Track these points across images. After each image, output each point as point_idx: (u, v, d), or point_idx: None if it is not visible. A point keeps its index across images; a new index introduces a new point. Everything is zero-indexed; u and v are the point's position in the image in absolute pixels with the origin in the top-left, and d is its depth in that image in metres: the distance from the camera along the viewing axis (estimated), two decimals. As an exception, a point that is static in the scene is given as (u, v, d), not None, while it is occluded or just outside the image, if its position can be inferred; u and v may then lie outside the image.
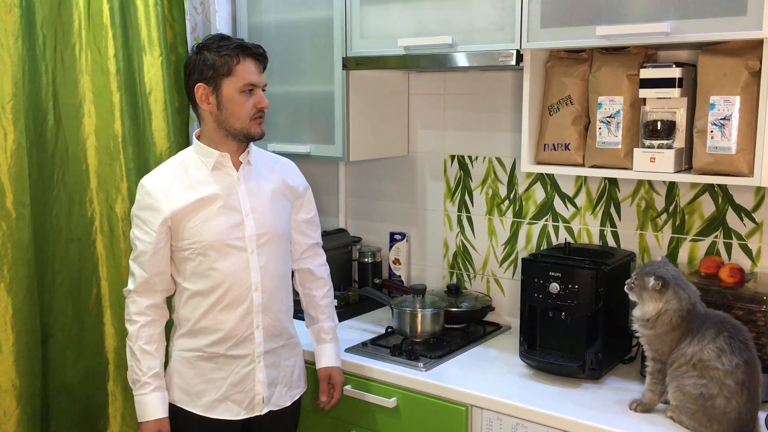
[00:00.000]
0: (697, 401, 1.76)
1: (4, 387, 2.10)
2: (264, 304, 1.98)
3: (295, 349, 2.14)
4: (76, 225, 2.31)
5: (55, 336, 2.28)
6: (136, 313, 1.93)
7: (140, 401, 1.93)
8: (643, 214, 2.31)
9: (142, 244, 1.91)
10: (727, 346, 1.75)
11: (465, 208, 2.68)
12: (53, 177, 2.26)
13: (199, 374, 1.96)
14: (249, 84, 1.90)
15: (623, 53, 2.08)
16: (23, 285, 2.13)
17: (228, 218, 1.92)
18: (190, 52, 1.96)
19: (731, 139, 1.86)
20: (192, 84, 1.91)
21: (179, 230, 1.90)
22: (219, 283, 1.92)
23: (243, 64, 1.89)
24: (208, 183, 1.93)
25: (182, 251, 1.92)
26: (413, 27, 2.29)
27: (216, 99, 1.90)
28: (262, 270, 1.97)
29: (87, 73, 2.31)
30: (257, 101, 1.93)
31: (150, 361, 1.92)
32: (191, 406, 1.97)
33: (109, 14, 2.32)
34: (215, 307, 1.93)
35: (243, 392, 1.99)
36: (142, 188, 1.93)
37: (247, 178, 1.98)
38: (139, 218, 1.92)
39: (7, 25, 2.07)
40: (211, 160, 1.94)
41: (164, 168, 1.98)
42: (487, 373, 2.16)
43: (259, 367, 2.00)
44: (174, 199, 1.89)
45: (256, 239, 1.96)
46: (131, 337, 1.93)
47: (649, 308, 1.84)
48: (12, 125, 2.08)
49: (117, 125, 2.35)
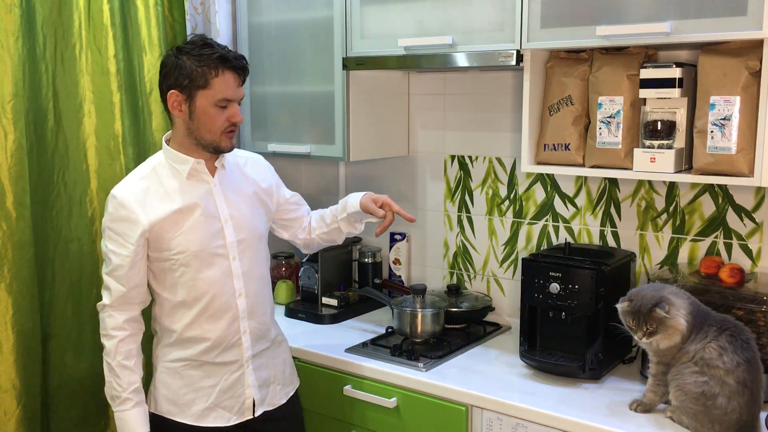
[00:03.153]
0: (698, 401, 1.75)
1: (4, 387, 2.10)
2: (249, 309, 1.96)
3: (281, 345, 2.13)
4: (76, 225, 2.31)
5: (55, 336, 2.28)
6: (113, 328, 1.87)
7: (121, 417, 1.88)
8: (643, 214, 2.31)
9: (118, 258, 1.84)
10: (729, 344, 1.75)
11: (465, 208, 2.68)
12: (53, 177, 2.26)
13: (187, 384, 1.93)
14: (225, 99, 1.83)
15: (623, 53, 2.08)
16: (23, 285, 2.13)
17: (208, 227, 1.89)
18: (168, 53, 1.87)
19: (731, 140, 1.86)
20: (165, 88, 1.84)
21: (159, 242, 1.86)
22: (203, 293, 1.89)
23: (221, 77, 1.81)
24: (184, 191, 1.88)
25: (163, 262, 1.88)
26: (413, 27, 2.29)
27: (188, 108, 1.83)
28: (244, 276, 1.95)
29: (87, 73, 2.31)
30: (231, 115, 1.86)
31: (130, 376, 1.87)
32: (181, 417, 1.93)
33: (109, 14, 2.32)
34: (200, 317, 1.91)
35: (233, 398, 1.97)
36: (114, 199, 1.85)
37: (223, 184, 1.95)
38: (112, 231, 1.85)
39: (8, 26, 2.07)
40: (186, 167, 1.89)
41: (135, 177, 1.90)
42: (487, 373, 2.16)
43: (248, 371, 1.98)
44: (151, 210, 1.84)
45: (237, 245, 1.93)
46: (108, 352, 1.87)
47: (682, 324, 1.78)
48: (12, 125, 2.08)
49: (117, 125, 2.35)
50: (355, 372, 2.25)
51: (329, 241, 2.22)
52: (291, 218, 2.19)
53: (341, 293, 2.76)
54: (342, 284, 2.82)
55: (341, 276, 2.83)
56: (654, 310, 1.78)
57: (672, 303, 1.79)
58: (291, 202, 2.19)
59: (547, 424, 1.90)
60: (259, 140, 2.77)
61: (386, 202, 2.07)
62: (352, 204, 2.11)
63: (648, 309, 1.79)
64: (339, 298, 2.71)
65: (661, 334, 1.79)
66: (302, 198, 2.24)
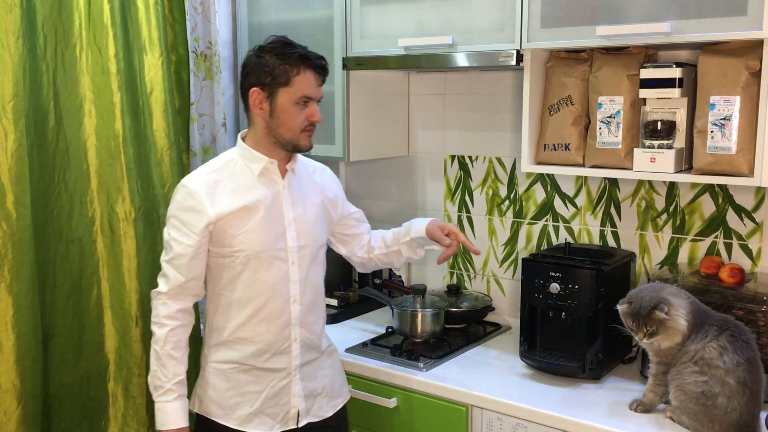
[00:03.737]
0: (699, 401, 1.75)
1: (4, 387, 2.10)
2: (302, 317, 1.93)
3: (332, 356, 2.08)
4: (76, 225, 2.30)
5: (55, 336, 2.28)
6: (165, 317, 1.87)
7: (162, 408, 1.87)
8: (643, 214, 2.31)
9: (181, 247, 1.85)
10: (730, 344, 1.75)
11: (465, 208, 2.68)
12: (54, 177, 2.26)
13: (234, 387, 1.92)
14: (305, 96, 1.84)
15: (623, 53, 2.08)
16: (24, 285, 2.13)
17: (272, 228, 1.88)
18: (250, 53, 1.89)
19: (731, 139, 1.86)
20: (247, 86, 1.86)
21: (222, 237, 1.85)
22: (258, 294, 1.88)
23: (302, 75, 1.83)
24: (253, 189, 1.87)
25: (222, 258, 1.88)
26: (413, 27, 2.29)
27: (269, 106, 1.84)
28: (301, 282, 1.92)
29: (88, 73, 2.30)
30: (310, 114, 1.87)
31: (176, 367, 1.87)
32: (225, 420, 1.92)
33: (109, 14, 2.32)
34: (252, 318, 1.89)
35: (278, 406, 1.94)
36: (183, 188, 1.86)
37: (291, 188, 1.93)
38: (178, 219, 1.86)
39: (8, 25, 2.07)
40: (259, 166, 1.88)
41: (207, 169, 1.91)
42: (487, 374, 2.16)
43: (295, 380, 1.95)
44: (219, 203, 1.84)
45: (297, 250, 1.91)
46: (158, 340, 1.87)
47: (682, 324, 1.79)
48: (13, 125, 2.08)
49: (118, 125, 2.35)
50: (355, 372, 2.25)
51: (387, 264, 2.18)
52: (351, 234, 2.16)
53: (341, 293, 2.76)
54: (342, 284, 2.82)
55: (341, 276, 2.83)
56: (653, 311, 1.78)
57: (671, 304, 1.79)
58: (353, 217, 2.15)
59: (547, 424, 1.90)
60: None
61: (453, 231, 2.04)
62: (417, 230, 2.08)
63: (647, 311, 1.79)
64: (339, 298, 2.71)
65: (662, 335, 1.80)
66: (364, 216, 2.21)
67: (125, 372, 2.39)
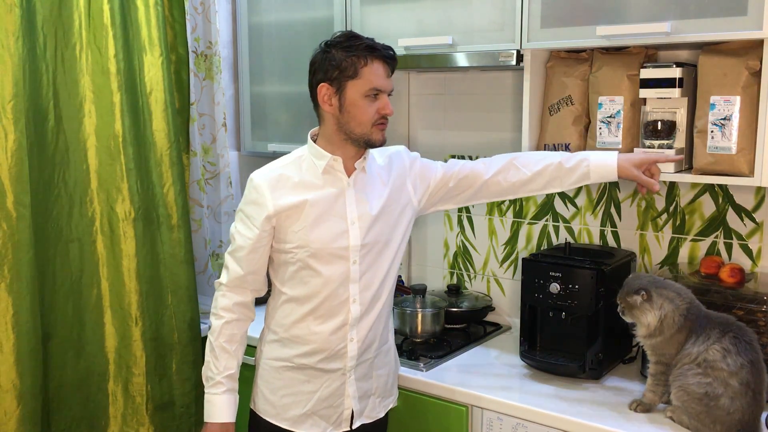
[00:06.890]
0: (701, 401, 1.75)
1: (4, 387, 2.10)
2: (361, 317, 1.87)
3: (388, 355, 2.01)
4: (76, 225, 2.30)
5: (55, 336, 2.28)
6: (222, 308, 1.87)
7: (210, 400, 1.87)
8: (643, 214, 2.31)
9: (242, 239, 1.84)
10: (733, 346, 1.75)
11: (465, 208, 2.68)
12: (54, 177, 2.26)
13: (287, 385, 1.89)
14: (374, 88, 1.78)
15: (623, 53, 2.08)
16: (24, 285, 2.13)
17: (333, 225, 1.83)
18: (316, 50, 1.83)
19: (731, 139, 1.86)
20: (315, 83, 1.82)
21: (282, 232, 1.83)
22: (316, 292, 1.84)
23: (370, 67, 1.77)
24: (316, 185, 1.84)
25: (283, 254, 1.85)
26: (413, 27, 2.29)
27: (338, 101, 1.79)
28: (361, 282, 1.86)
29: (87, 73, 2.31)
30: (381, 107, 1.80)
31: (228, 360, 1.86)
32: (276, 419, 1.90)
33: (109, 14, 2.32)
34: (309, 316, 1.86)
35: (332, 407, 1.90)
36: (250, 182, 1.85)
37: (358, 186, 1.87)
38: (243, 213, 1.86)
39: (8, 25, 2.07)
40: (323, 162, 1.84)
41: (276, 164, 1.88)
42: (487, 373, 2.16)
43: (349, 381, 1.90)
44: (279, 197, 1.81)
45: (359, 249, 1.84)
46: (213, 331, 1.87)
47: (649, 320, 1.84)
48: (12, 125, 2.08)
49: (117, 125, 2.35)
50: (355, 372, 2.25)
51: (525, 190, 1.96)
52: (459, 185, 1.97)
53: (341, 293, 2.75)
54: (342, 284, 2.82)
55: (341, 276, 2.82)
56: (631, 294, 1.85)
57: (650, 299, 1.83)
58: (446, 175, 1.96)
59: (547, 424, 1.90)
60: (259, 140, 2.77)
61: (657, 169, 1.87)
62: (601, 172, 1.86)
63: (627, 291, 1.87)
64: (339, 298, 2.70)
65: (629, 317, 1.89)
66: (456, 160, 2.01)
67: (125, 372, 2.39)
